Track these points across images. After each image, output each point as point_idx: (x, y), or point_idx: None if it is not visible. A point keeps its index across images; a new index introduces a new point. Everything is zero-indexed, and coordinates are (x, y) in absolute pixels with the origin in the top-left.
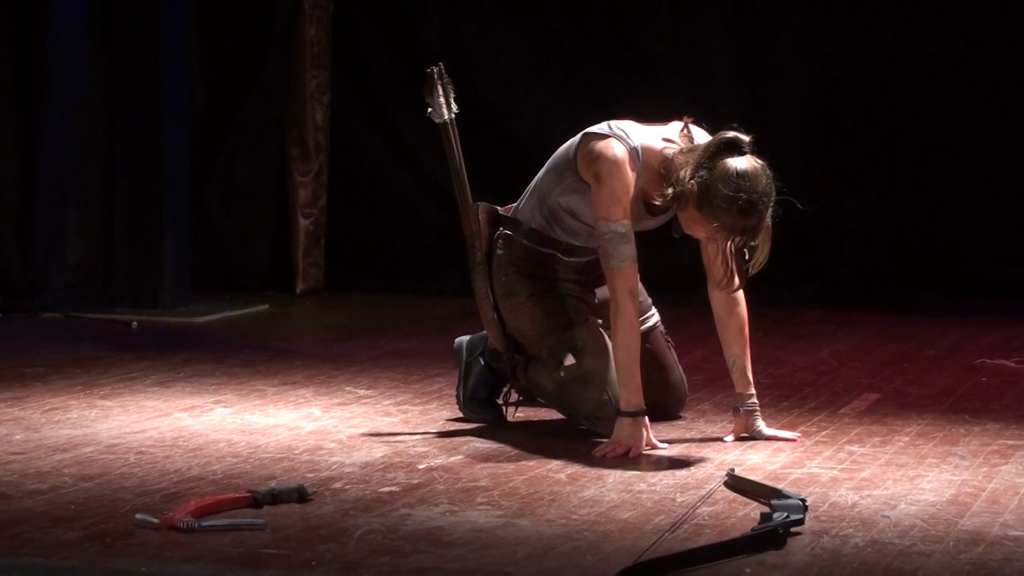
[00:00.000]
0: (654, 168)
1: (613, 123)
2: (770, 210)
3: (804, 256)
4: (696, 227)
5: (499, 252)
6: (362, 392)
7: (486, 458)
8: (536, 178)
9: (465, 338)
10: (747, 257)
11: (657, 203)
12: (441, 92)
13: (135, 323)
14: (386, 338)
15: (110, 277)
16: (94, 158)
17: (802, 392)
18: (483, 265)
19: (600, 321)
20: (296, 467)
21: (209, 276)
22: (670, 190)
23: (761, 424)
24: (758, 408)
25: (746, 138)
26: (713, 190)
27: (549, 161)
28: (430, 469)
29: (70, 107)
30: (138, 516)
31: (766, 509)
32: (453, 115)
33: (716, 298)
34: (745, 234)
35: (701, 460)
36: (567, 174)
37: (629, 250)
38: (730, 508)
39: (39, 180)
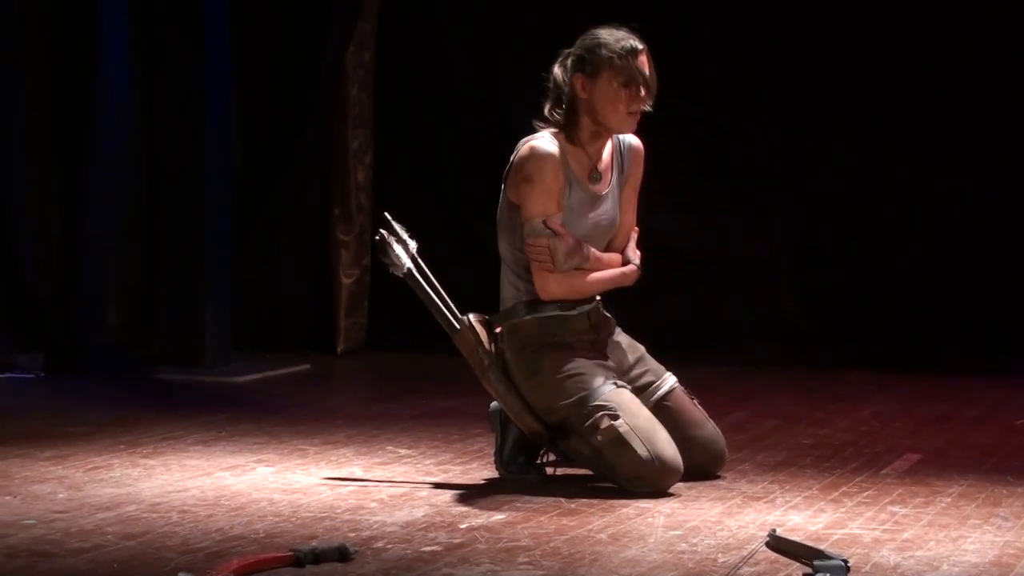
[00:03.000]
0: (565, 143)
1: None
2: (637, 36)
3: (844, 317)
4: (612, 103)
5: (508, 344)
6: (403, 452)
7: (527, 518)
8: (501, 260)
9: None
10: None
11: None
12: (395, 246)
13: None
14: (427, 398)
15: (152, 336)
16: (136, 218)
17: (844, 452)
18: (493, 365)
19: (628, 386)
20: (338, 526)
21: (250, 335)
22: (563, 110)
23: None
24: None
25: None
26: (586, 53)
27: (498, 233)
28: (471, 529)
29: (113, 168)
30: (181, 575)
31: (808, 570)
32: (413, 253)
33: None
34: (634, 57)
35: (742, 520)
36: (516, 225)
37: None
38: (772, 569)
39: (82, 240)
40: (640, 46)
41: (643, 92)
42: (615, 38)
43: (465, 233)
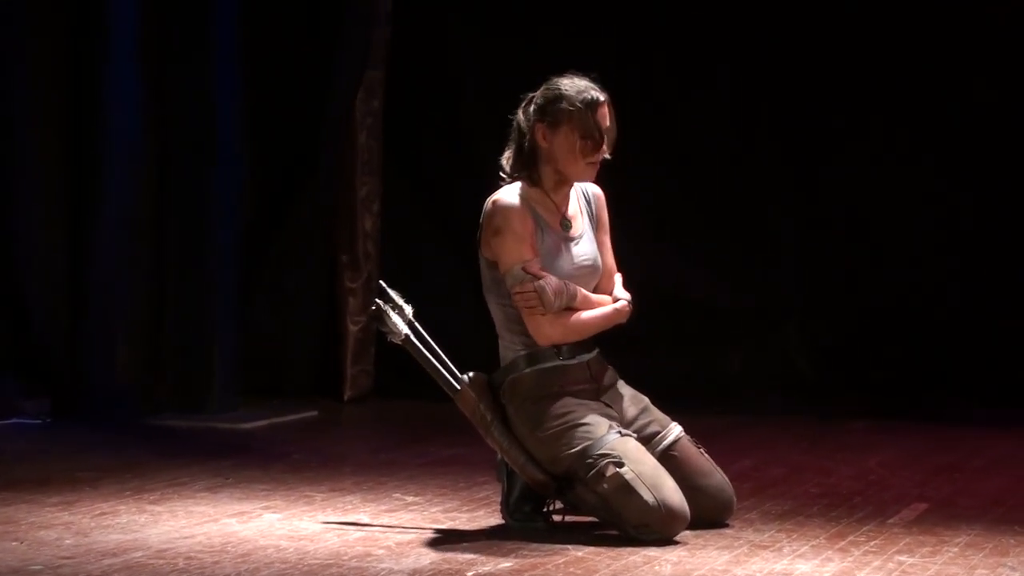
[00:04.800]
0: (530, 191)
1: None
2: (598, 87)
3: (851, 367)
4: (571, 154)
5: (509, 398)
6: (410, 499)
7: (533, 566)
8: (494, 323)
9: None
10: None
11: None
12: (391, 314)
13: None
14: (434, 445)
15: (158, 383)
16: (143, 264)
17: (851, 501)
18: (496, 422)
19: (633, 435)
20: (345, 573)
21: (258, 382)
22: (524, 158)
23: None
24: None
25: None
26: (547, 104)
27: (485, 296)
28: None
29: (121, 214)
30: None
31: None
32: (410, 319)
33: None
34: (593, 110)
35: (749, 569)
36: (499, 282)
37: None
38: None
39: (89, 287)
40: (601, 98)
41: (601, 144)
42: (576, 90)
43: (475, 280)
